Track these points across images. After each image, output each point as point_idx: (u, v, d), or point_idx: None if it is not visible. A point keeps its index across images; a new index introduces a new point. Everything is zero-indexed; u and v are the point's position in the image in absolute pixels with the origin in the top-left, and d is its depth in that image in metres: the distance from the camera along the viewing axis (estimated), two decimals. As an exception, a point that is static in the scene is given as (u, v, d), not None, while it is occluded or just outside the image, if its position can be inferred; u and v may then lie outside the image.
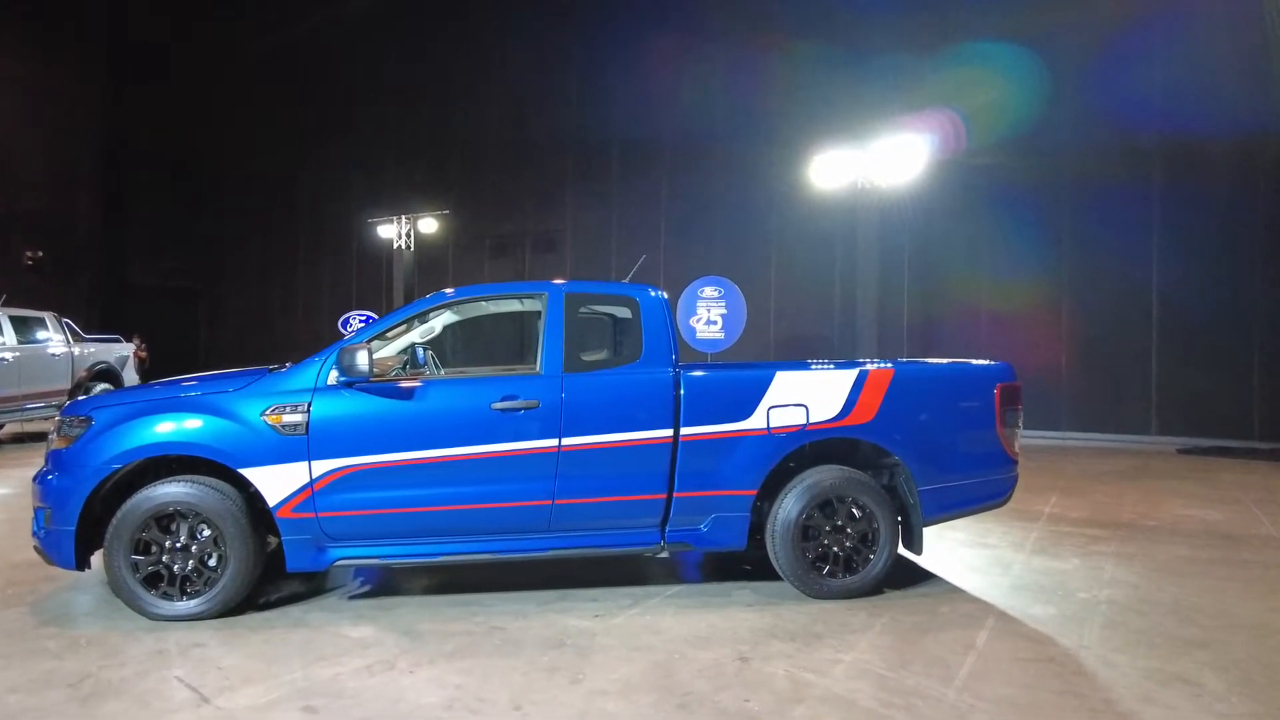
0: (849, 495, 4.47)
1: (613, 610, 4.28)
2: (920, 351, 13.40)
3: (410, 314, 4.64)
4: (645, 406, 4.32)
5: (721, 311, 10.82)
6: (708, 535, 4.41)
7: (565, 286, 4.56)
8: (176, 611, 4.03)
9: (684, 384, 4.37)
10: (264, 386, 4.17)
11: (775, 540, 4.44)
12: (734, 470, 4.36)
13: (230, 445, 4.03)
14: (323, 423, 4.09)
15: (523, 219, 18.43)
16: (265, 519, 4.14)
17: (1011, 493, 4.86)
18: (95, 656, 3.63)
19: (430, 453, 4.14)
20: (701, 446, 4.33)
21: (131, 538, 3.99)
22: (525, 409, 4.22)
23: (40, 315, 11.87)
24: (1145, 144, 11.58)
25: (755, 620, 4.15)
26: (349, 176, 21.29)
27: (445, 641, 3.84)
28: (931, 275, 13.23)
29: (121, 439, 4.02)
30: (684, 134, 15.60)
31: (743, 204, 15.11)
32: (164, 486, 4.03)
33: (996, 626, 4.06)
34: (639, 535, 4.39)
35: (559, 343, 4.38)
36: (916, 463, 4.54)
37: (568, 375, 4.32)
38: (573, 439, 4.23)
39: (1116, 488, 8.15)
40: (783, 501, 4.43)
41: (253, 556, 4.08)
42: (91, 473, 4.00)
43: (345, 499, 4.10)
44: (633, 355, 4.48)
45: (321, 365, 4.21)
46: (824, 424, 4.43)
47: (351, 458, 4.09)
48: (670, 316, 4.58)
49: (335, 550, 4.17)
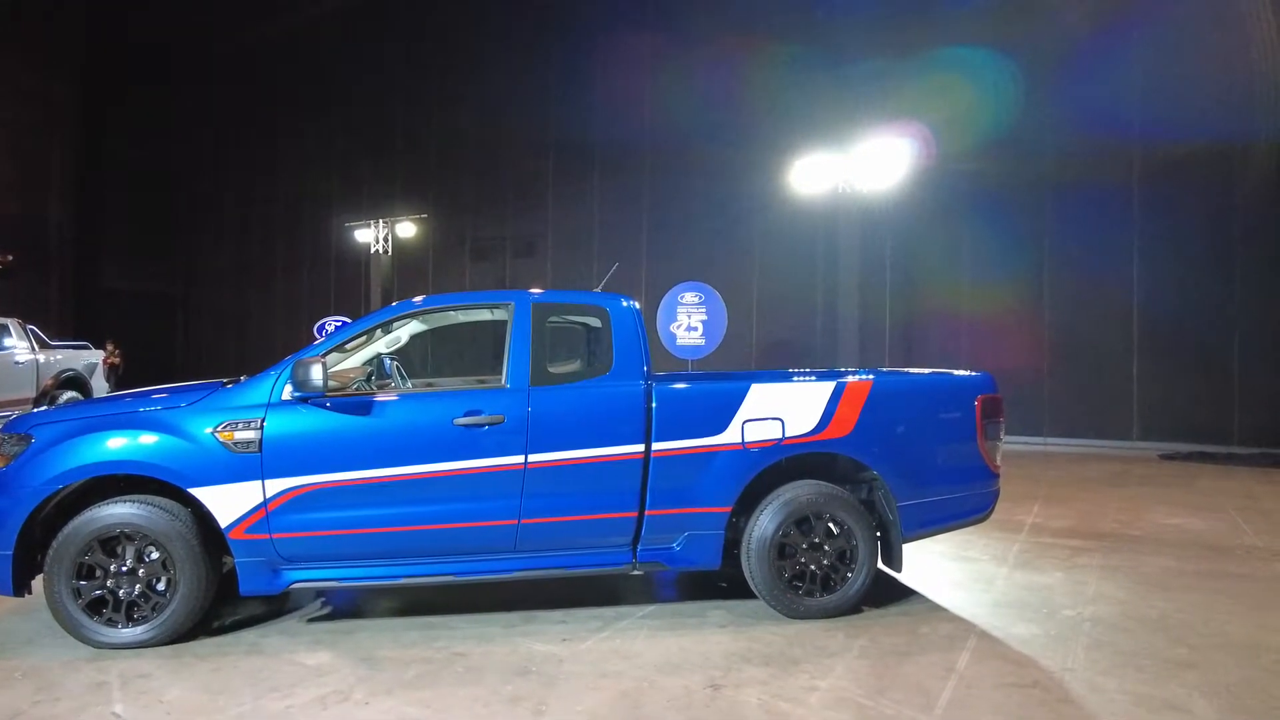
0: (826, 511, 4.33)
1: (580, 634, 4.11)
2: (902, 357, 13.33)
3: (372, 324, 4.47)
4: (616, 421, 4.17)
5: (702, 318, 10.68)
6: (681, 554, 4.26)
7: (533, 296, 4.40)
8: (122, 639, 3.83)
9: (656, 397, 4.22)
10: (215, 402, 3.98)
11: (751, 558, 4.30)
12: (708, 487, 4.21)
13: (179, 464, 3.84)
14: (277, 440, 3.91)
15: (503, 223, 18.25)
16: (218, 540, 3.95)
17: (993, 507, 4.74)
18: (29, 690, 3.43)
19: (390, 471, 3.96)
20: (674, 462, 4.18)
21: (74, 561, 3.79)
22: (490, 424, 4.05)
23: (3, 321, 11.57)
24: (1125, 148, 11.57)
25: (729, 643, 4.00)
26: (326, 179, 21.03)
27: (404, 669, 3.66)
28: (913, 280, 13.17)
29: (63, 458, 3.81)
30: (665, 138, 15.48)
31: (724, 208, 15.01)
32: (109, 507, 3.83)
33: (978, 648, 3.94)
34: (610, 555, 4.23)
35: (525, 354, 4.22)
36: (895, 477, 4.41)
37: (535, 389, 4.16)
38: (540, 455, 4.07)
39: (1099, 495, 8.07)
40: (758, 518, 4.29)
41: (204, 580, 3.88)
42: (30, 493, 3.79)
43: (301, 519, 3.92)
44: (603, 367, 4.32)
45: (276, 379, 4.02)
46: (800, 438, 4.29)
47: (307, 476, 3.91)
48: (642, 327, 4.43)
49: (291, 573, 3.99)
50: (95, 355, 13.22)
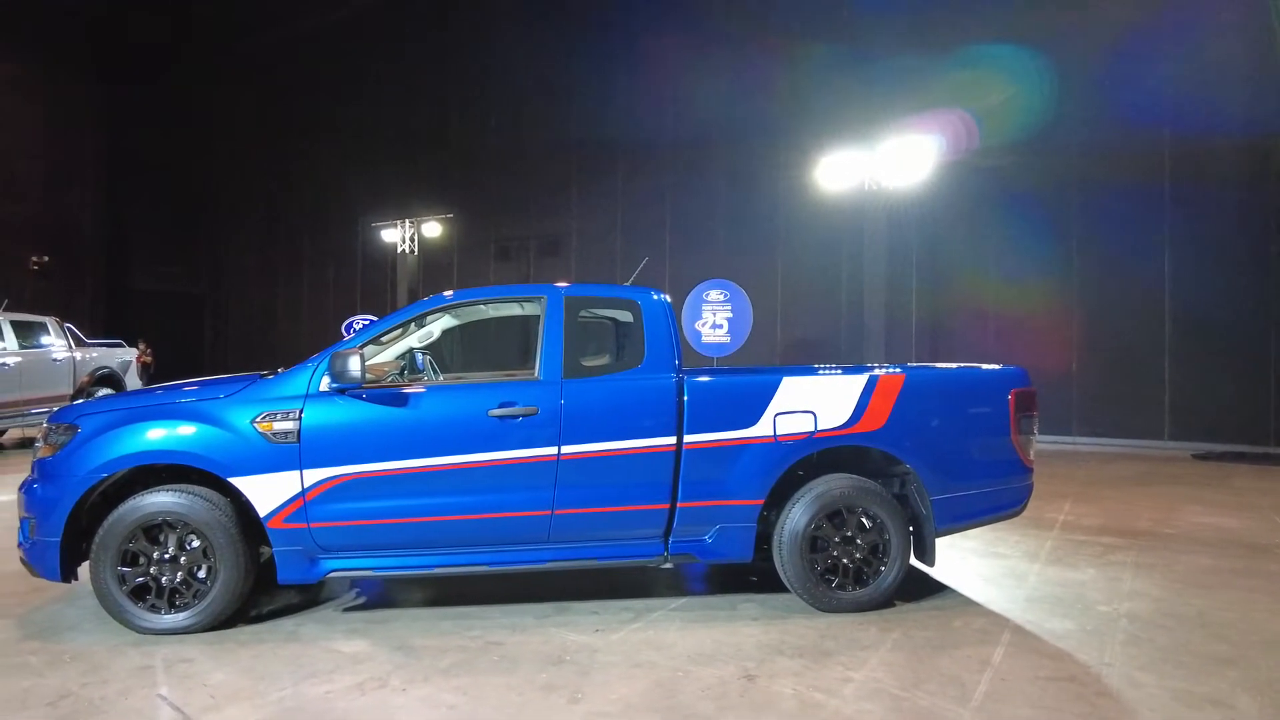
0: (859, 505, 4.32)
1: (613, 624, 4.13)
2: (928, 355, 13.23)
3: (406, 317, 4.51)
4: (647, 413, 4.18)
5: (727, 315, 10.68)
6: (712, 546, 4.27)
7: (565, 290, 4.43)
8: (164, 625, 3.90)
9: (687, 390, 4.23)
10: (255, 393, 4.04)
11: (783, 551, 4.30)
12: (739, 479, 4.22)
13: (220, 454, 3.91)
14: (314, 430, 3.97)
15: (527, 222, 18.33)
16: (257, 529, 4.02)
17: (1027, 502, 4.70)
18: (78, 673, 3.51)
19: (425, 461, 4.01)
20: (705, 455, 4.19)
21: (118, 549, 3.87)
22: (523, 416, 4.08)
23: (42, 320, 11.80)
24: (1157, 144, 11.40)
25: (761, 635, 4.00)
26: (352, 180, 21.22)
27: (440, 657, 3.70)
28: (940, 278, 13.06)
29: (108, 447, 3.89)
30: (689, 135, 15.48)
31: (748, 206, 14.98)
32: (152, 496, 3.91)
33: (1013, 642, 3.91)
34: (641, 546, 4.25)
35: (558, 347, 4.25)
36: (928, 471, 4.39)
37: (567, 381, 4.19)
38: (572, 447, 4.10)
39: (1131, 494, 7.97)
40: (790, 511, 4.29)
41: (243, 568, 3.95)
42: (77, 482, 3.88)
43: (338, 509, 3.97)
44: (634, 360, 4.34)
45: (313, 371, 4.08)
46: (833, 431, 4.29)
47: (344, 466, 3.96)
48: (673, 320, 4.44)
49: (328, 562, 4.04)
50: (129, 353, 13.44)
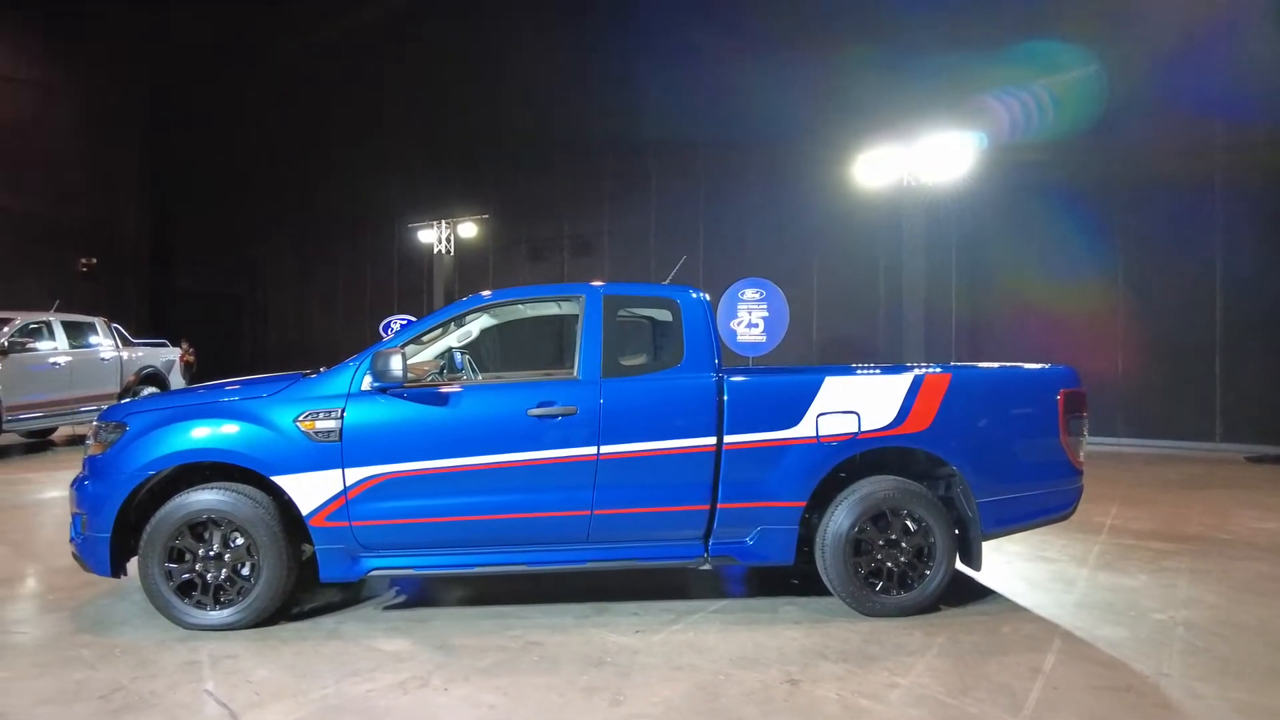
0: (904, 508, 4.24)
1: (654, 626, 4.10)
2: (968, 354, 13.00)
3: (446, 317, 4.52)
4: (687, 413, 4.14)
5: (763, 314, 10.58)
6: (753, 549, 4.22)
7: (603, 288, 4.41)
8: (210, 621, 3.96)
9: (727, 390, 4.18)
10: (297, 392, 4.08)
11: (825, 554, 4.23)
12: (781, 481, 4.16)
13: (263, 452, 3.95)
14: (357, 429, 3.99)
15: (560, 222, 18.36)
16: (299, 527, 4.05)
17: (1076, 505, 4.58)
18: (128, 667, 3.57)
19: (465, 461, 4.01)
20: (746, 456, 4.14)
21: (165, 545, 3.93)
22: (563, 415, 4.07)
23: (91, 320, 12.09)
24: (1207, 136, 11.07)
25: (804, 639, 3.94)
26: (389, 181, 21.45)
27: (480, 657, 3.70)
28: (980, 275, 12.82)
29: (155, 445, 3.95)
30: (723, 133, 15.37)
31: (783, 204, 14.85)
32: (197, 494, 3.96)
33: (1064, 649, 3.80)
34: (681, 548, 4.21)
35: (597, 346, 4.22)
36: (975, 473, 4.29)
37: (606, 380, 4.17)
38: (612, 447, 4.07)
39: (1181, 498, 7.74)
40: (833, 514, 4.22)
41: (286, 566, 3.99)
42: (126, 479, 3.95)
43: (379, 508, 3.99)
44: (673, 360, 4.30)
45: (355, 370, 4.11)
46: (877, 432, 4.21)
47: (386, 465, 3.98)
48: (712, 319, 4.40)
49: (369, 560, 4.06)
50: (173, 353, 13.72)
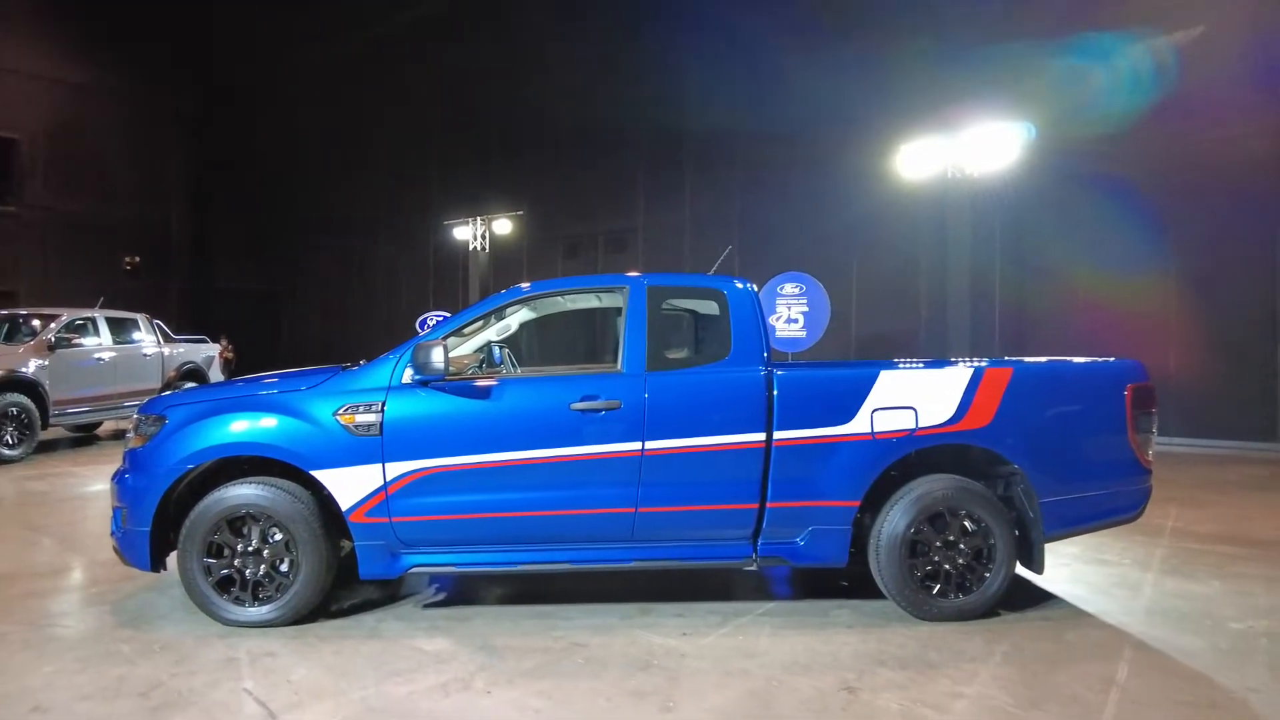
0: (962, 508, 4.04)
1: (701, 628, 3.95)
2: (1012, 349, 12.64)
3: (486, 310, 4.40)
4: (735, 408, 3.99)
5: (803, 309, 10.36)
6: (804, 550, 4.05)
7: (647, 279, 4.26)
8: (249, 617, 3.89)
9: (777, 384, 4.02)
10: (337, 385, 4.00)
11: (880, 556, 4.05)
12: (834, 479, 3.99)
13: (302, 446, 3.87)
14: (397, 423, 3.89)
15: (594, 218, 18.27)
16: (339, 523, 3.97)
17: (1144, 506, 4.35)
18: (167, 663, 3.51)
19: (507, 455, 3.89)
20: (797, 452, 3.97)
21: (204, 540, 3.87)
22: (606, 410, 3.93)
23: (134, 317, 12.24)
24: (1266, 127, 10.61)
25: (859, 644, 3.77)
26: (425, 178, 21.52)
27: (524, 658, 3.59)
28: (1025, 269, 12.45)
29: (194, 438, 3.90)
30: (759, 125, 15.11)
31: (821, 197, 14.57)
32: (236, 488, 3.90)
33: (1137, 660, 3.59)
34: (729, 548, 4.06)
35: (641, 339, 4.08)
36: (1038, 472, 4.08)
37: (651, 374, 4.02)
38: (657, 442, 3.93)
39: (1245, 500, 7.40)
40: (888, 514, 4.04)
41: (325, 562, 3.91)
42: (165, 472, 3.90)
43: (420, 503, 3.89)
44: (720, 353, 4.15)
45: (396, 363, 4.01)
46: (935, 429, 4.02)
47: (427, 460, 3.88)
48: (760, 310, 4.24)
49: (409, 557, 3.97)
50: (213, 349, 13.87)
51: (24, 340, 10.53)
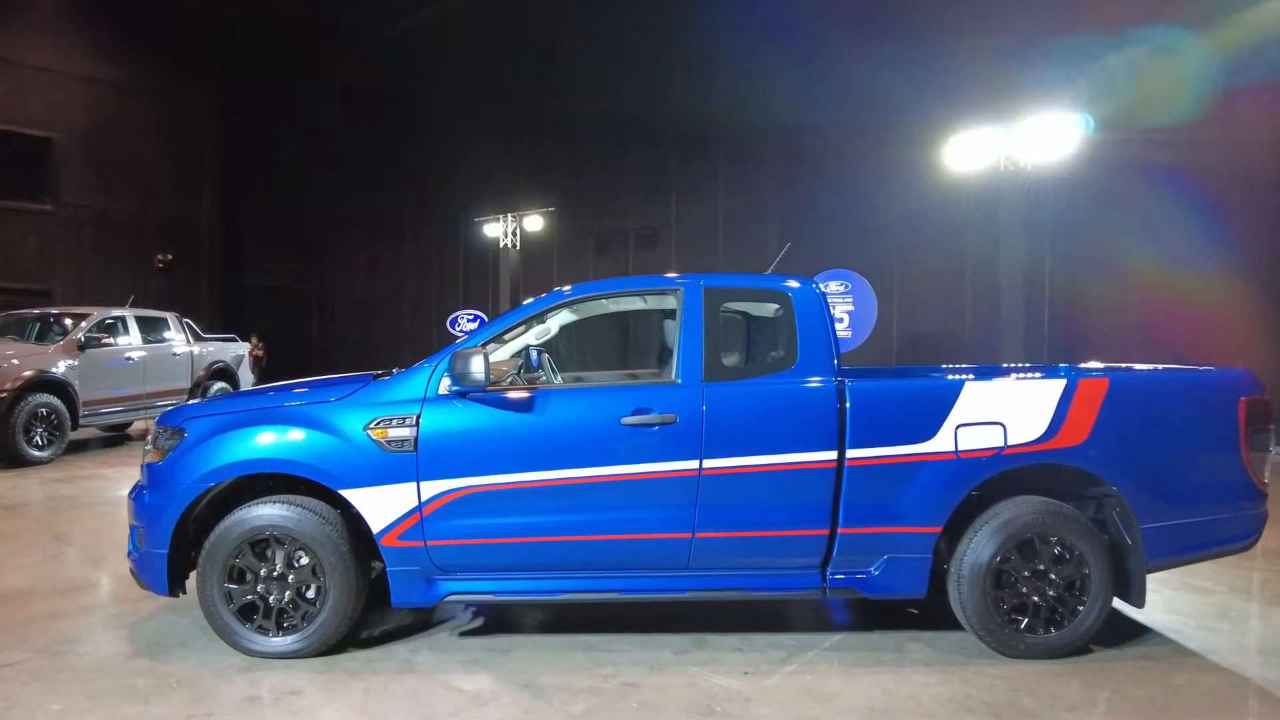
0: (1053, 534, 3.63)
1: (764, 666, 3.59)
2: (1065, 353, 12.07)
3: (528, 314, 4.05)
4: (803, 423, 3.61)
5: (848, 308, 9.95)
6: (878, 580, 3.67)
7: (703, 279, 3.89)
8: (272, 648, 3.59)
9: (850, 396, 3.63)
10: (367, 396, 3.68)
11: (962, 587, 3.66)
12: (913, 502, 3.60)
13: (330, 463, 3.56)
14: (433, 438, 3.57)
15: (626, 213, 17.91)
16: (369, 546, 3.66)
17: (1259, 534, 3.91)
18: (184, 701, 3.22)
19: (552, 474, 3.56)
20: (873, 473, 3.59)
21: (225, 564, 3.58)
22: (660, 424, 3.58)
23: (163, 315, 12.11)
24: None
25: (940, 686, 3.38)
26: (455, 175, 21.30)
27: (572, 700, 3.25)
28: (1081, 267, 11.87)
29: (213, 454, 3.60)
30: (796, 117, 14.61)
31: (863, 191, 14.05)
32: (259, 508, 3.60)
33: (1266, 714, 3.16)
34: (794, 578, 3.69)
35: (698, 346, 3.72)
36: (1139, 495, 3.66)
37: (709, 385, 3.66)
38: (716, 461, 3.57)
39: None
40: (972, 541, 3.64)
41: (354, 589, 3.60)
42: (184, 491, 3.61)
43: (458, 525, 3.57)
44: (785, 361, 3.78)
45: (432, 372, 3.69)
46: (1025, 447, 3.61)
47: (465, 478, 3.56)
48: (830, 314, 3.86)
49: (446, 584, 3.65)
50: (242, 348, 13.71)
51: (55, 340, 10.41)
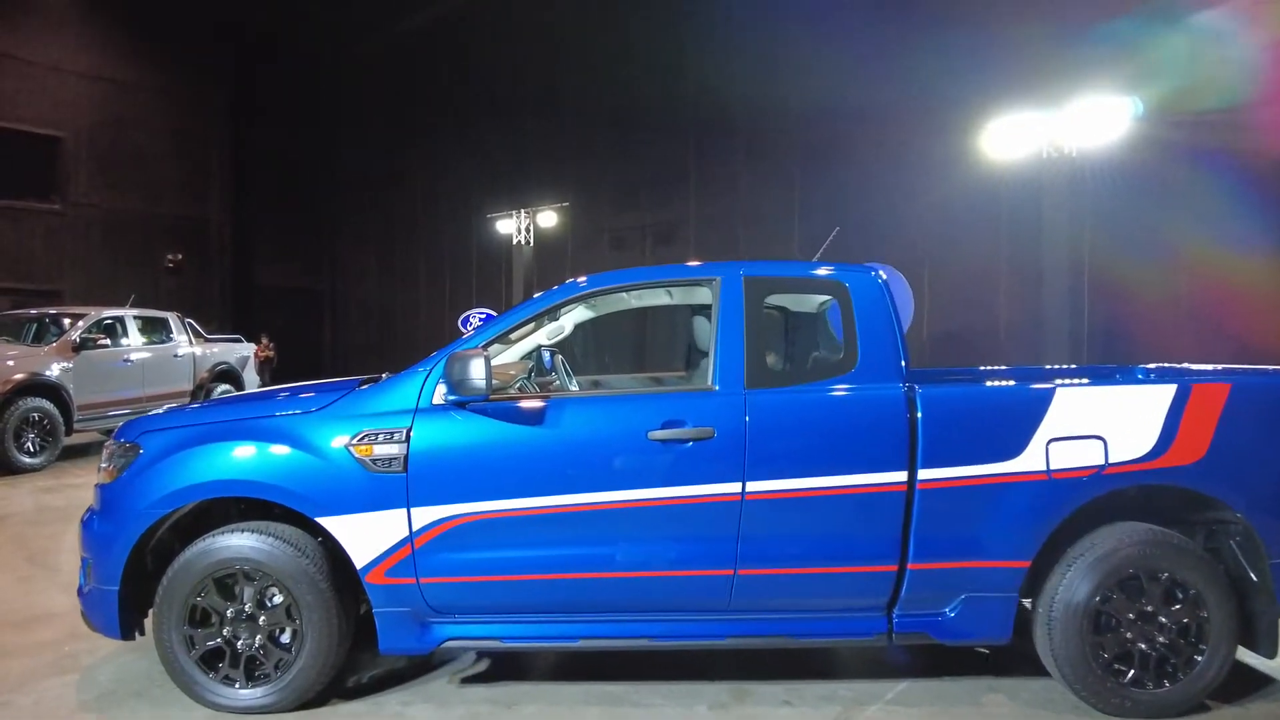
0: (1164, 569, 3.04)
1: (820, 726, 3.03)
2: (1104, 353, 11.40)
3: (538, 310, 3.46)
4: (866, 437, 3.05)
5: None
6: (954, 623, 3.09)
7: (743, 267, 3.32)
8: (240, 702, 3.06)
9: (922, 404, 3.06)
10: (349, 407, 3.14)
11: (1052, 630, 3.07)
12: (998, 532, 3.02)
13: (304, 485, 3.03)
14: (427, 456, 3.03)
15: (641, 209, 17.38)
16: (355, 582, 3.12)
17: None
18: (128, 774, 2.70)
19: (568, 499, 3.00)
20: (949, 497, 3.01)
21: (185, 603, 3.05)
22: (695, 439, 3.02)
23: (164, 316, 11.69)
24: None
25: (1035, 755, 2.81)
26: (467, 171, 20.84)
27: (591, 775, 2.70)
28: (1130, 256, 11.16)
29: (171, 475, 3.07)
30: (820, 105, 13.92)
31: (891, 182, 13.39)
32: (225, 538, 3.06)
33: None
34: (855, 621, 3.12)
35: (738, 346, 3.15)
36: (1271, 522, 3.07)
37: (752, 392, 3.10)
38: (762, 483, 3.00)
39: None
40: (1065, 576, 3.05)
41: (336, 633, 3.06)
42: (137, 517, 3.08)
43: (456, 560, 3.03)
44: (842, 364, 3.20)
45: (425, 378, 3.14)
46: (1130, 465, 3.02)
47: (464, 504, 3.01)
48: (895, 308, 3.28)
49: (443, 628, 3.11)
50: (247, 349, 13.27)
51: (52, 342, 9.99)
